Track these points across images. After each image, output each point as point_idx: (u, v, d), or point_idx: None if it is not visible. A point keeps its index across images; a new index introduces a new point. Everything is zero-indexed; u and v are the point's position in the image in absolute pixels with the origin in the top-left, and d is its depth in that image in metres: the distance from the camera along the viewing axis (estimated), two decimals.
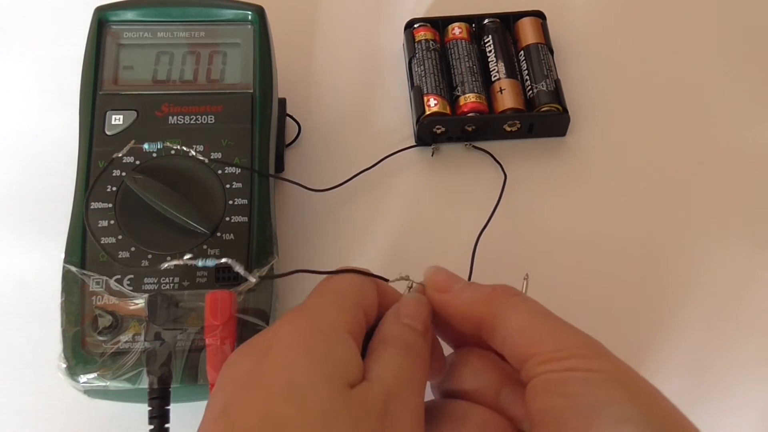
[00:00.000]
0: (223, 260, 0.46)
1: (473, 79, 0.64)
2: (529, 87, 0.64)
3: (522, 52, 0.66)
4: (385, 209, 0.62)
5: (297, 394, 0.37)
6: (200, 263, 0.46)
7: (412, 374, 0.42)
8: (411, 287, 0.47)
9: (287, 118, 0.65)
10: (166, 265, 0.48)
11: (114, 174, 0.53)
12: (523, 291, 0.48)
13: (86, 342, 0.48)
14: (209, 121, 0.55)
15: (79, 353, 0.48)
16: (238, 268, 0.45)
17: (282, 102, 0.64)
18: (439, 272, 0.47)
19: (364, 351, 0.42)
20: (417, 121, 0.63)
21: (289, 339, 0.40)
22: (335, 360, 0.39)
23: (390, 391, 0.40)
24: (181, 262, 0.48)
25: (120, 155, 0.53)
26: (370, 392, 0.39)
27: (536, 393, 0.40)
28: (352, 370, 0.40)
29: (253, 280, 0.46)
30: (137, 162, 0.53)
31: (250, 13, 0.59)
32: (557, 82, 0.64)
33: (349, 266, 0.46)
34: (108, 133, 0.54)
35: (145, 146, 0.54)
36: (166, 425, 0.45)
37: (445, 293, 0.46)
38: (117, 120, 0.55)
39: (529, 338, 0.41)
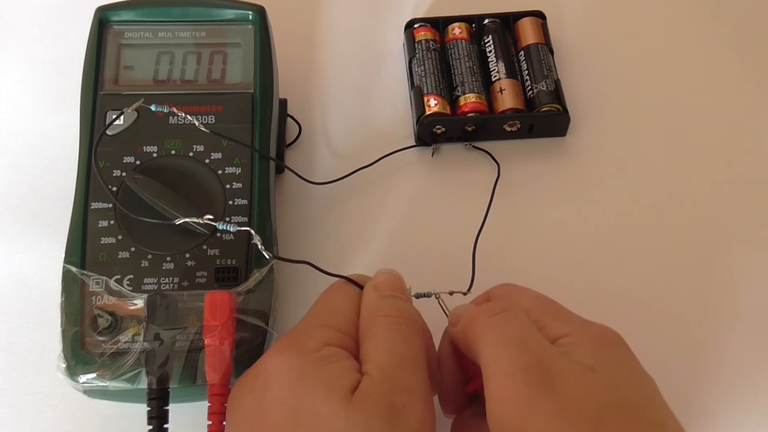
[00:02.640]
0: (244, 228, 0.47)
1: (473, 79, 0.64)
2: (529, 87, 0.64)
3: (522, 52, 0.66)
4: (385, 209, 0.62)
5: (303, 423, 0.38)
6: (220, 226, 0.47)
7: (409, 348, 0.42)
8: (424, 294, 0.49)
9: (288, 118, 0.65)
10: (179, 222, 0.48)
11: (114, 174, 0.53)
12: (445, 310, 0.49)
13: (86, 342, 0.48)
14: (210, 122, 0.55)
15: (79, 353, 0.48)
16: (256, 240, 0.46)
17: (283, 103, 0.64)
18: (459, 308, 0.48)
19: None
20: (417, 121, 0.63)
21: (282, 371, 0.41)
22: (327, 377, 0.40)
23: (392, 378, 0.40)
24: (201, 221, 0.48)
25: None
26: (372, 389, 0.39)
27: None
28: (348, 377, 0.40)
29: (267, 256, 0.47)
30: (137, 162, 0.53)
31: (250, 12, 0.59)
32: (557, 83, 0.64)
33: (350, 275, 0.47)
34: (108, 133, 0.54)
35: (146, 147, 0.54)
36: (165, 425, 0.45)
37: (454, 326, 0.47)
38: (117, 120, 0.54)
39: (486, 369, 0.42)
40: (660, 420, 0.40)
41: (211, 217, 0.47)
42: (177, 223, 0.48)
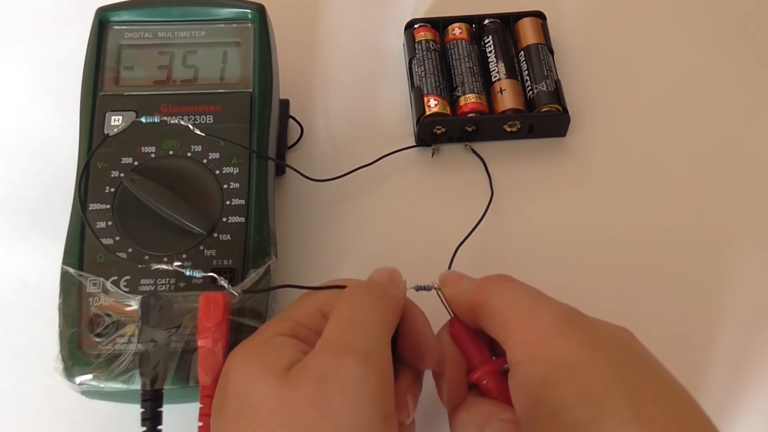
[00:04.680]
0: (210, 274, 0.47)
1: (473, 80, 0.64)
2: (530, 87, 0.64)
3: (522, 52, 0.66)
4: (385, 208, 0.62)
5: (248, 406, 0.39)
6: (187, 272, 0.47)
7: (354, 311, 0.42)
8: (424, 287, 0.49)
9: (290, 119, 0.65)
10: (154, 267, 0.49)
11: (112, 175, 0.53)
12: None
13: (83, 343, 0.48)
14: (208, 121, 0.55)
15: (76, 354, 0.48)
16: (222, 282, 0.46)
17: (285, 103, 0.65)
18: (452, 272, 0.49)
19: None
20: (417, 121, 0.63)
21: (236, 364, 0.41)
22: (266, 360, 0.40)
23: (330, 343, 0.40)
24: (170, 268, 0.48)
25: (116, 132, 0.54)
26: (307, 360, 0.39)
27: (513, 394, 0.41)
28: (288, 357, 0.40)
29: (236, 294, 0.47)
30: (135, 163, 0.53)
31: (250, 11, 0.59)
32: (557, 83, 0.64)
33: (331, 282, 0.47)
34: (108, 134, 0.54)
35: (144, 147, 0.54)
36: (159, 427, 0.45)
37: (453, 288, 0.47)
38: (116, 121, 0.55)
39: (505, 319, 0.42)
40: (677, 384, 0.40)
41: (179, 263, 0.48)
42: (153, 268, 0.49)
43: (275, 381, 0.38)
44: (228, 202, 0.53)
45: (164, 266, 0.48)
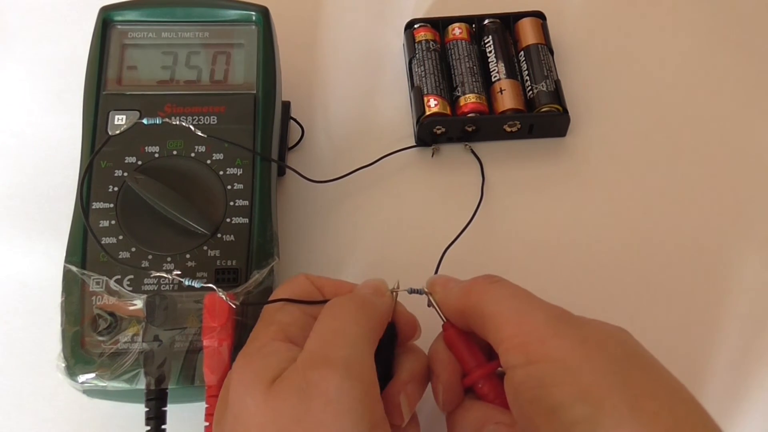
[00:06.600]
0: (209, 285, 0.47)
1: (473, 80, 0.64)
2: (530, 87, 0.64)
3: (522, 52, 0.66)
4: (385, 209, 0.62)
5: (240, 420, 0.39)
6: (187, 282, 0.47)
7: (336, 323, 0.42)
8: (417, 290, 0.49)
9: (291, 121, 0.65)
10: (154, 274, 0.49)
11: (116, 174, 0.53)
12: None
13: (85, 342, 0.49)
14: (212, 122, 0.55)
15: (78, 353, 0.48)
16: (222, 294, 0.46)
17: (286, 105, 0.65)
18: (440, 276, 0.49)
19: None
20: (417, 121, 0.63)
21: (234, 377, 0.41)
22: (256, 371, 0.40)
23: (312, 355, 0.40)
24: (169, 277, 0.48)
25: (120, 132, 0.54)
26: (290, 372, 0.40)
27: (509, 397, 0.41)
28: (275, 368, 0.40)
29: (233, 306, 0.47)
30: (139, 162, 0.53)
31: (254, 13, 0.59)
32: (557, 83, 0.64)
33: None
34: (111, 133, 0.54)
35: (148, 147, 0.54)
36: (163, 426, 0.45)
37: (442, 292, 0.47)
38: (120, 120, 0.55)
39: (497, 323, 0.42)
40: (673, 379, 0.40)
41: (179, 273, 0.48)
42: (153, 274, 0.49)
43: (260, 394, 0.39)
44: (232, 203, 0.53)
45: (164, 274, 0.48)
